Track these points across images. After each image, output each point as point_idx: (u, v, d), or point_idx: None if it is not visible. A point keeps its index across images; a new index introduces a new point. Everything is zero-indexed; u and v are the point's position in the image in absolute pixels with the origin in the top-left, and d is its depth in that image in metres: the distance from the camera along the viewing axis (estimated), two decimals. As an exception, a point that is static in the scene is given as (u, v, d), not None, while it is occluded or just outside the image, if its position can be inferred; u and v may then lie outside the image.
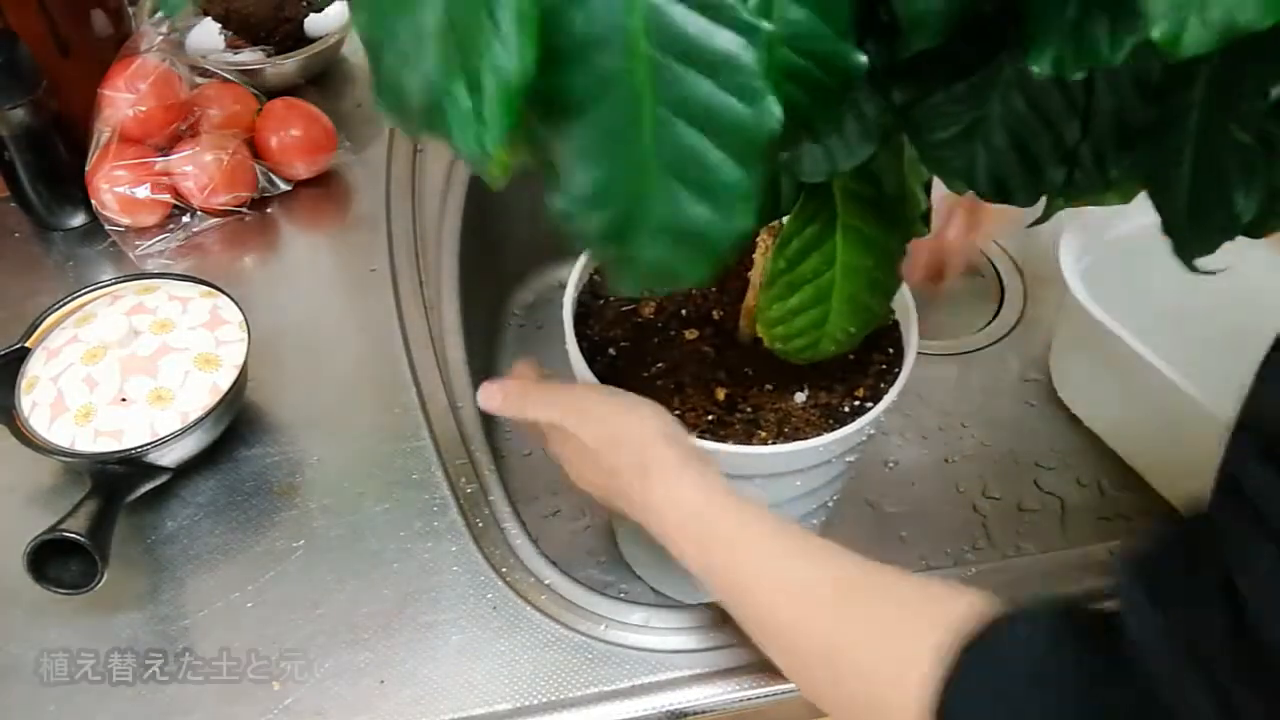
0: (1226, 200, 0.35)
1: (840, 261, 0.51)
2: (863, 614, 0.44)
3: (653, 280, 0.33)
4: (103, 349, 0.63)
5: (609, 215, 0.31)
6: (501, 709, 0.55)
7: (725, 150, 0.30)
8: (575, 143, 0.30)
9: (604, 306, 0.66)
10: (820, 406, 0.60)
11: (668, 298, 0.67)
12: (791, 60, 0.32)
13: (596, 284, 0.67)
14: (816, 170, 0.42)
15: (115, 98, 0.79)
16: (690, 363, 0.63)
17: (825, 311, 0.53)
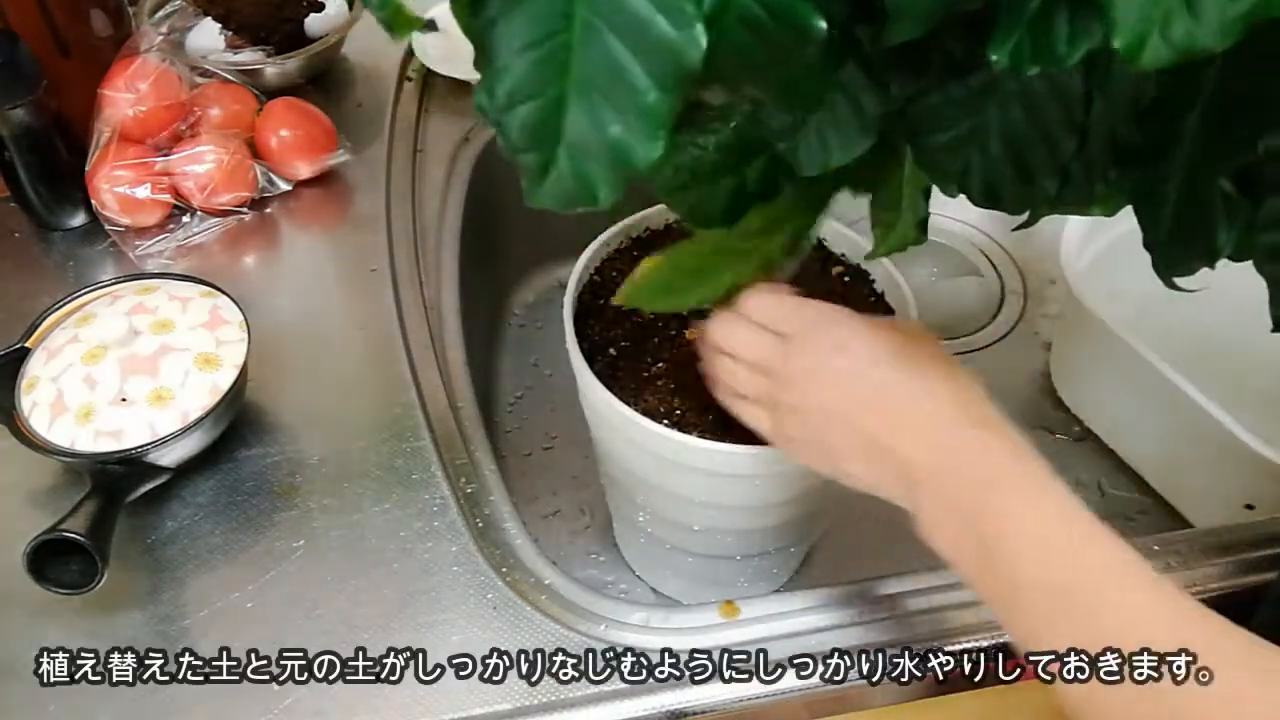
0: (1208, 233, 0.35)
1: (760, 253, 0.52)
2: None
3: (565, 194, 0.33)
4: (103, 349, 0.63)
5: (527, 116, 0.32)
6: (501, 709, 0.55)
7: (648, 71, 0.30)
8: (503, 35, 0.31)
9: (604, 306, 0.66)
10: None
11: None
12: (746, 6, 0.32)
13: (596, 284, 0.67)
14: (812, 163, 0.42)
15: (115, 98, 0.79)
16: (690, 363, 0.63)
17: (700, 287, 0.54)
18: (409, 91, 0.94)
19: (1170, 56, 0.27)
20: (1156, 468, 0.82)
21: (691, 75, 0.30)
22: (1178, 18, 0.26)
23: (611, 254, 0.69)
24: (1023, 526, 0.42)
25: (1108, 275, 0.82)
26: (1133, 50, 0.27)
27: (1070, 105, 0.37)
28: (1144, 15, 0.27)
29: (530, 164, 0.33)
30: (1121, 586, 0.40)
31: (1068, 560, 0.41)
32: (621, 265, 0.69)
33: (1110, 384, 0.82)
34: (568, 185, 0.33)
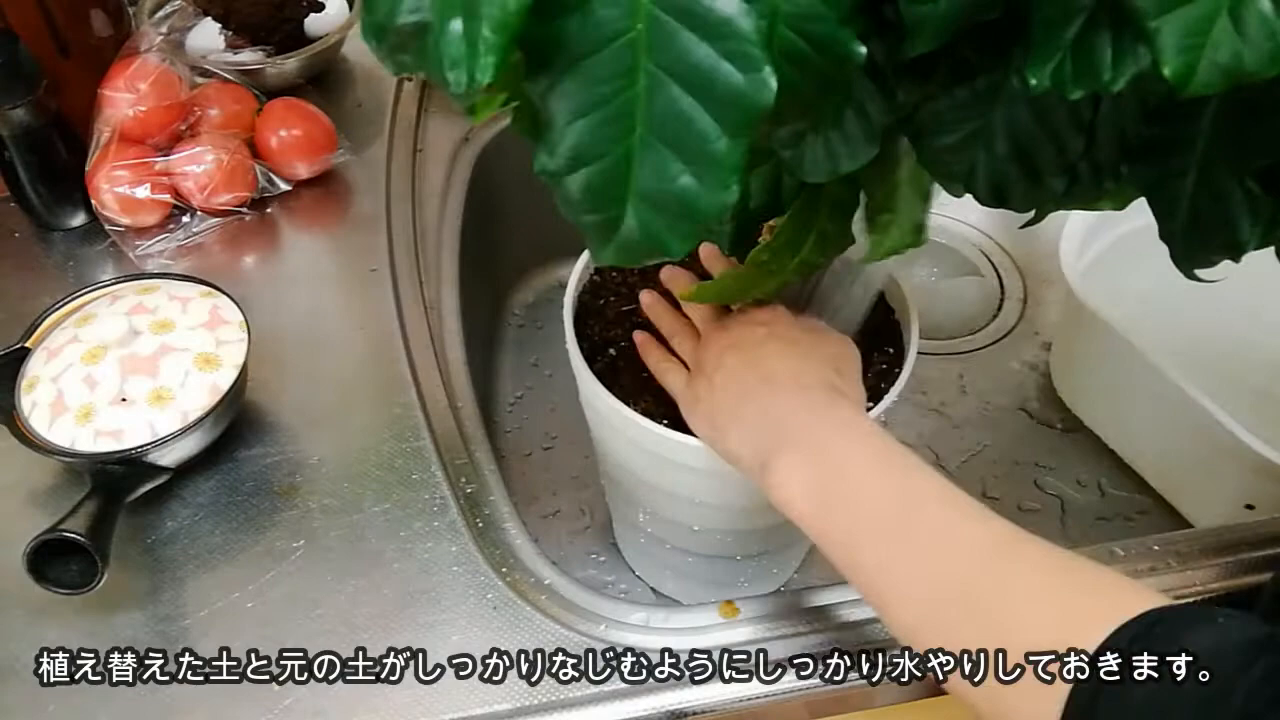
0: (1230, 227, 0.35)
1: (799, 258, 0.51)
2: (1019, 586, 0.41)
3: (633, 250, 0.32)
4: (103, 349, 0.63)
5: (593, 175, 0.31)
6: (501, 709, 0.55)
7: (716, 118, 0.29)
8: (565, 96, 0.30)
9: (604, 306, 0.66)
10: None
11: (668, 299, 0.67)
12: (791, 40, 0.31)
13: (596, 284, 0.67)
14: (818, 170, 0.42)
15: (115, 98, 0.79)
16: None
17: (752, 289, 0.54)
18: (409, 91, 0.94)
19: (1220, 82, 0.26)
20: (1156, 468, 0.82)
21: (762, 118, 0.29)
22: (1225, 42, 0.26)
23: None
24: (859, 464, 0.48)
25: (1108, 275, 0.82)
26: (1181, 77, 0.26)
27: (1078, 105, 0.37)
28: (1190, 41, 0.26)
29: (594, 223, 0.32)
30: (939, 501, 0.46)
31: (896, 486, 0.47)
32: (621, 266, 0.69)
33: (1110, 384, 0.82)
34: (636, 241, 0.32)
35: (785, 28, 0.31)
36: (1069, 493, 0.83)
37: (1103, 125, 0.38)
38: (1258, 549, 0.62)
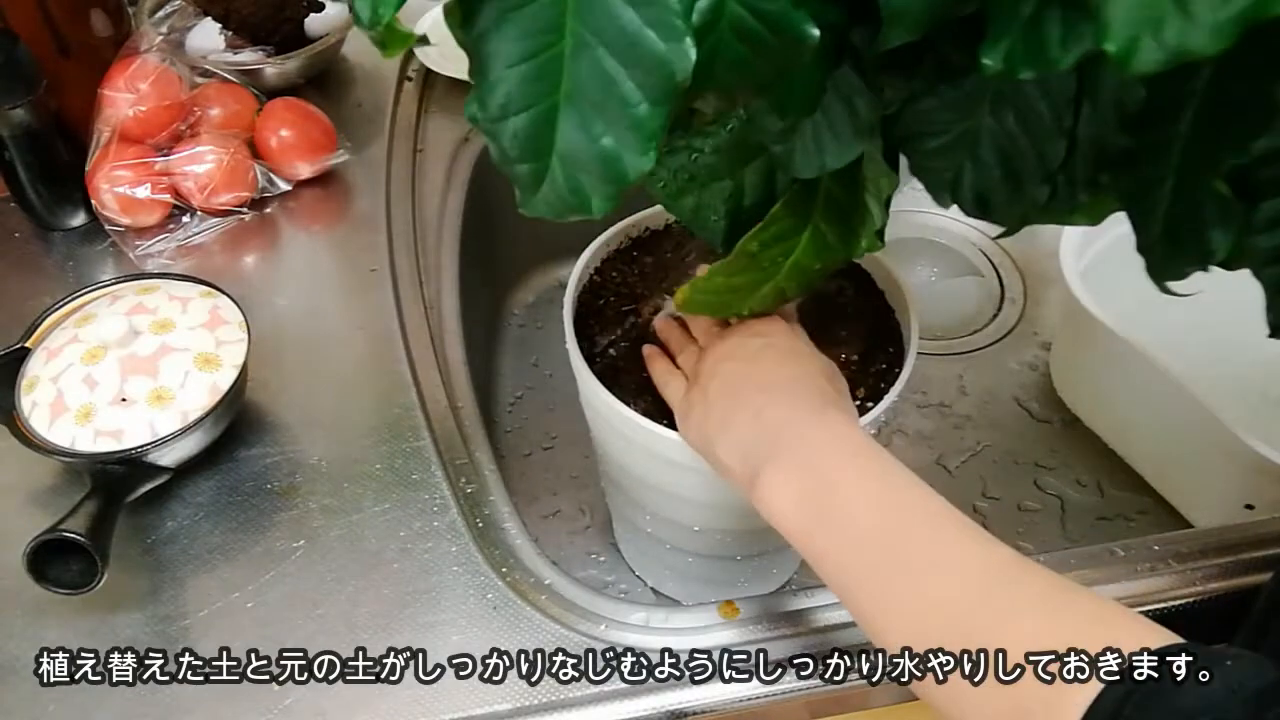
0: (1202, 236, 0.35)
1: (792, 260, 0.51)
2: (1018, 618, 0.39)
3: (558, 204, 0.33)
4: (103, 349, 0.63)
5: (520, 127, 0.32)
6: (501, 709, 0.55)
7: (638, 84, 0.30)
8: (495, 47, 0.31)
9: (604, 306, 0.66)
10: None
11: (668, 298, 0.67)
12: (741, 17, 0.32)
13: (596, 284, 0.67)
14: (807, 165, 0.42)
15: (115, 98, 0.79)
16: None
17: (748, 297, 0.53)
18: (409, 91, 0.94)
19: (1163, 60, 0.26)
20: (1156, 468, 0.82)
21: (682, 88, 0.30)
22: (1170, 20, 0.26)
23: (611, 255, 0.69)
24: (851, 480, 0.47)
25: (1108, 275, 0.82)
26: (1125, 55, 0.27)
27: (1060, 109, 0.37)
28: (1135, 18, 0.26)
29: (523, 175, 0.33)
30: (932, 524, 0.44)
31: (889, 505, 0.45)
32: (621, 266, 0.69)
33: (1110, 384, 0.82)
34: (561, 195, 0.33)
35: (736, 4, 0.32)
36: (1069, 493, 0.83)
37: (1081, 133, 0.38)
38: (1258, 549, 0.62)
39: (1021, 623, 0.38)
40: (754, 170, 0.50)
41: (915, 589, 0.42)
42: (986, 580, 0.41)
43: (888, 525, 0.44)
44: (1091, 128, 0.37)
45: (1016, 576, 0.40)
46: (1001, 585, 0.40)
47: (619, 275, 0.68)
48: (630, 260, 0.69)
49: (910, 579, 0.42)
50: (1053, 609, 0.39)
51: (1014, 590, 0.40)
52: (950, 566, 0.42)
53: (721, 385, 0.53)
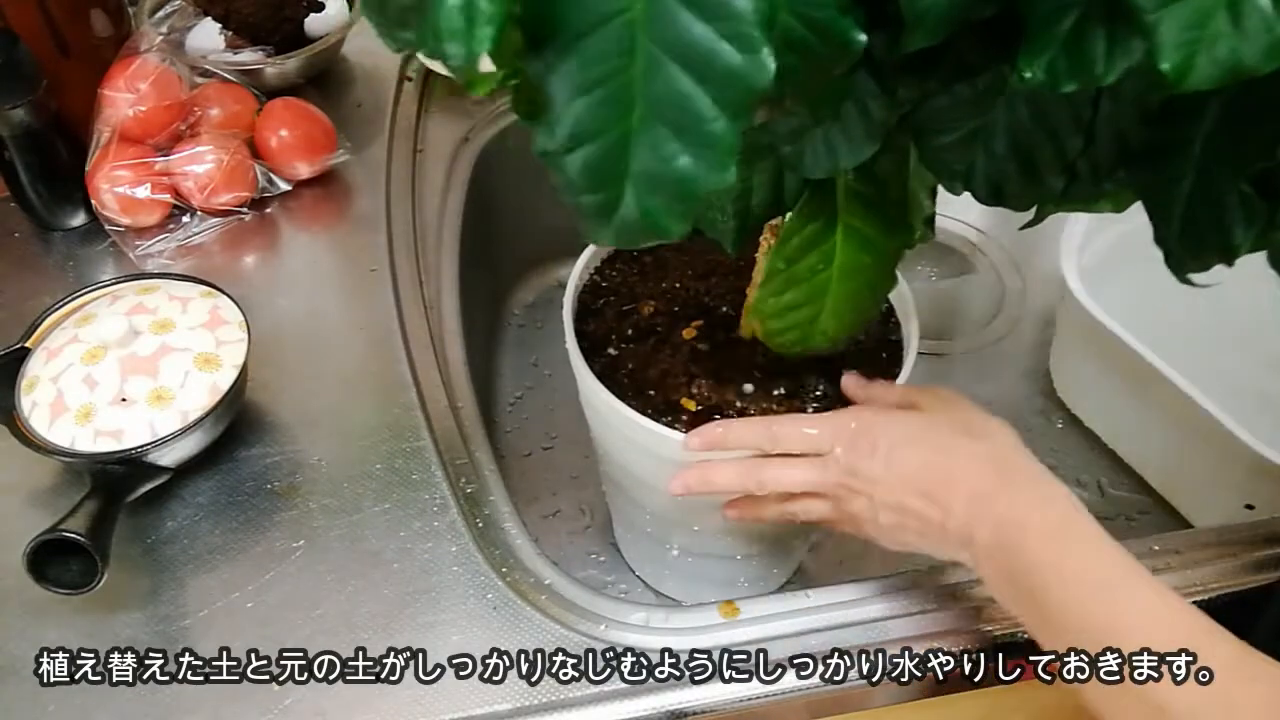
0: (1224, 230, 0.35)
1: (838, 261, 0.51)
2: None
3: (631, 231, 0.32)
4: (103, 349, 0.63)
5: (591, 156, 0.31)
6: (501, 709, 0.55)
7: (715, 98, 0.29)
8: (563, 76, 0.30)
9: (604, 306, 0.66)
10: (822, 402, 0.60)
11: (667, 298, 0.67)
12: (792, 26, 0.31)
13: (597, 283, 0.67)
14: (819, 166, 0.42)
15: (115, 98, 0.79)
16: (692, 362, 0.63)
17: (819, 310, 0.52)
18: (409, 91, 0.94)
19: (1217, 77, 0.26)
20: (1156, 468, 0.82)
21: (759, 99, 0.29)
22: (1224, 38, 0.26)
23: (611, 254, 0.69)
24: (1061, 574, 0.47)
25: (1108, 275, 0.82)
26: (1179, 73, 0.26)
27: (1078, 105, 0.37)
28: (1189, 37, 0.26)
29: (592, 205, 0.32)
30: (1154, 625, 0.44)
31: (1105, 603, 0.46)
32: (622, 265, 0.69)
33: (1110, 384, 0.82)
34: (634, 221, 0.32)
35: (787, 13, 0.31)
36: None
37: (1102, 126, 0.38)
38: (1258, 549, 0.62)
39: None
40: (762, 171, 0.50)
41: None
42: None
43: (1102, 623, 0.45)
44: (1112, 122, 0.37)
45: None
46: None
47: (619, 275, 0.68)
48: (630, 259, 0.69)
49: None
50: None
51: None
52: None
53: (886, 494, 0.52)
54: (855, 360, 0.63)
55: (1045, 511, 0.48)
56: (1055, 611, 0.46)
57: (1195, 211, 0.36)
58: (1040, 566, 0.47)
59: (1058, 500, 0.49)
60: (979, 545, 0.49)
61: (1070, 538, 0.47)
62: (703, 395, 0.61)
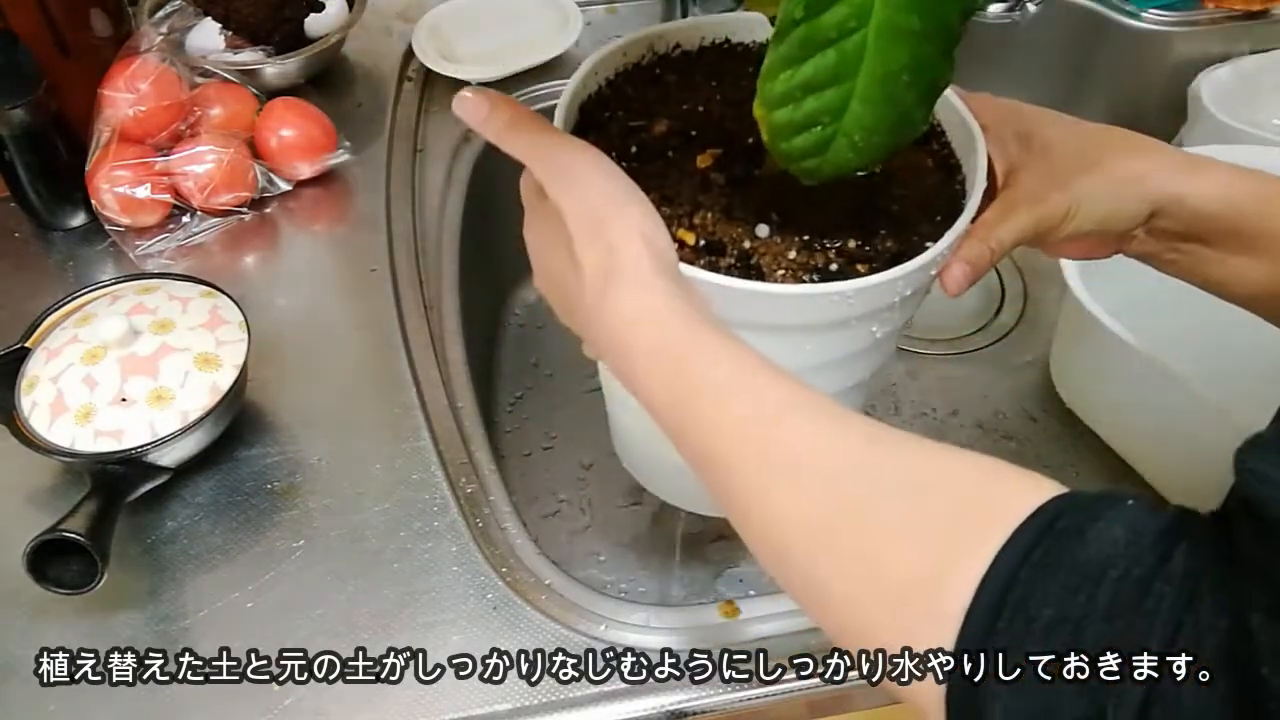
0: None
1: (878, 18, 0.37)
2: (889, 499, 0.33)
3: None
4: (103, 349, 0.63)
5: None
6: (501, 709, 0.55)
7: None
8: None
9: (609, 120, 0.56)
10: (848, 260, 0.48)
11: (686, 119, 0.55)
12: None
13: (605, 96, 0.56)
14: None
15: (115, 98, 0.79)
16: (701, 191, 0.52)
17: (847, 95, 0.39)
18: (409, 91, 0.94)
19: None
20: (1157, 467, 0.82)
21: None
22: None
23: (628, 68, 0.56)
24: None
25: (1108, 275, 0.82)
26: None
27: None
28: None
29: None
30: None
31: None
32: (639, 83, 0.57)
33: (1110, 384, 0.82)
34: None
35: None
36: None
37: None
38: (1258, 549, 0.62)
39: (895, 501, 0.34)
40: None
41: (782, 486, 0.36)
42: (854, 468, 0.35)
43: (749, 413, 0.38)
44: None
45: (884, 460, 0.35)
46: (869, 470, 0.35)
47: (634, 90, 0.56)
48: (652, 79, 0.57)
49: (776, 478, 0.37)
50: (924, 486, 0.34)
51: (881, 479, 0.35)
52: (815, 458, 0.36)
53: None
54: (904, 213, 0.50)
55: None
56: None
57: None
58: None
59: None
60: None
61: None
62: (705, 228, 0.50)
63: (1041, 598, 0.28)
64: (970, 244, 0.47)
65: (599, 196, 0.42)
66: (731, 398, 0.37)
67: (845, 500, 0.34)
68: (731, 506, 0.38)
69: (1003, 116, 0.51)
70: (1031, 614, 0.28)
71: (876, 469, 0.34)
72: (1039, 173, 0.49)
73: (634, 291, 0.40)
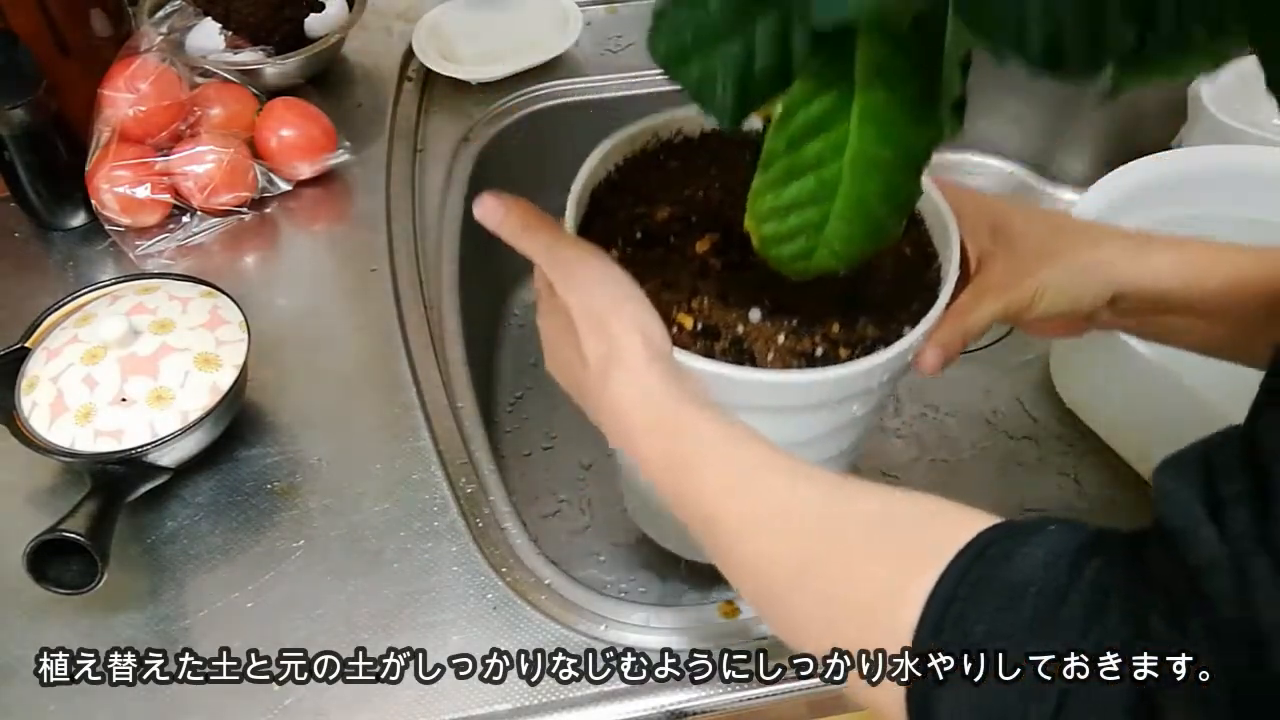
0: None
1: (852, 152, 0.42)
2: (851, 539, 0.39)
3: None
4: (103, 349, 0.63)
5: None
6: (501, 709, 0.55)
7: None
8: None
9: (616, 206, 0.58)
10: (835, 346, 0.52)
11: (687, 205, 0.59)
12: None
13: (613, 181, 0.59)
14: (826, 7, 0.34)
15: (115, 98, 0.79)
16: (700, 277, 0.55)
17: (826, 213, 0.44)
18: (409, 91, 0.95)
19: None
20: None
21: None
22: None
23: (635, 155, 0.60)
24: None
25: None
26: None
27: None
28: None
29: None
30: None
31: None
32: (644, 169, 0.60)
33: (1110, 384, 0.82)
34: None
35: None
36: (1069, 493, 0.83)
37: None
38: (1258, 549, 0.62)
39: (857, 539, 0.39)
40: (766, 26, 0.40)
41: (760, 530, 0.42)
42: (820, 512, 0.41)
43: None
44: None
45: (847, 505, 0.41)
46: (834, 514, 0.41)
47: (640, 176, 0.59)
48: (655, 164, 0.60)
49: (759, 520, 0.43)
50: (880, 521, 0.40)
51: (845, 518, 0.40)
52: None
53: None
54: (884, 299, 0.54)
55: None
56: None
57: None
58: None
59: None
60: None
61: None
62: (702, 313, 0.53)
63: (975, 614, 0.33)
64: (944, 329, 0.51)
65: (602, 296, 0.47)
66: (716, 465, 0.43)
67: (815, 543, 0.40)
68: (720, 556, 0.43)
69: (976, 207, 0.56)
70: (967, 628, 0.33)
71: (840, 516, 0.40)
72: (1008, 262, 0.54)
73: (631, 378, 0.45)
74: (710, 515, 0.43)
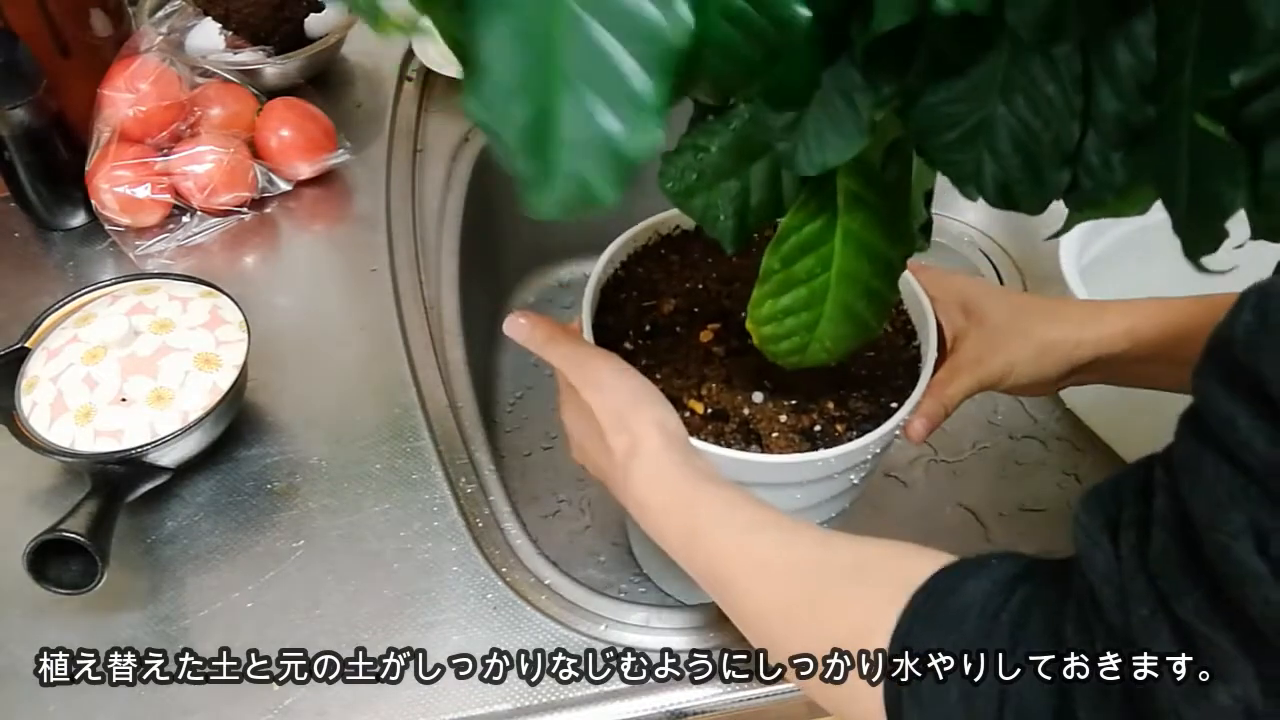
0: (1215, 194, 0.34)
1: (837, 266, 0.50)
2: (833, 586, 0.45)
3: (570, 201, 0.32)
4: (103, 349, 0.63)
5: (520, 119, 0.31)
6: (501, 709, 0.55)
7: (636, 57, 0.29)
8: (487, 38, 0.29)
9: (625, 301, 0.64)
10: (831, 422, 0.59)
11: (689, 297, 0.65)
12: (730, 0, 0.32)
13: (620, 278, 0.65)
14: (810, 162, 0.41)
15: (115, 98, 0.79)
16: (705, 364, 0.61)
17: (817, 316, 0.51)
18: (409, 91, 0.94)
19: None
20: (1157, 468, 0.82)
21: (679, 58, 0.29)
22: None
23: (639, 250, 0.66)
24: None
25: (1108, 275, 0.82)
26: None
27: (1069, 90, 0.36)
28: None
29: (530, 171, 0.32)
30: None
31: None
32: (648, 264, 0.66)
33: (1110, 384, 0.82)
34: (569, 189, 0.32)
35: None
36: (1070, 493, 0.83)
37: (1102, 110, 0.37)
38: (1258, 549, 0.62)
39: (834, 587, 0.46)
40: (760, 168, 0.49)
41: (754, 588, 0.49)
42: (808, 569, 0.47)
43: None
44: (1114, 105, 0.36)
45: (826, 557, 0.47)
46: (816, 570, 0.47)
47: (643, 271, 0.65)
48: (657, 258, 0.66)
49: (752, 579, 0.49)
50: (850, 569, 0.46)
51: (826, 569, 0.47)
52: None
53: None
54: (880, 376, 0.61)
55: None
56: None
57: (1195, 183, 0.35)
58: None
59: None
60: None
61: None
62: (711, 398, 0.60)
63: (929, 636, 0.40)
64: (927, 402, 0.58)
65: (622, 395, 0.54)
66: (722, 531, 0.49)
67: (803, 588, 0.46)
68: (729, 606, 0.49)
69: (947, 289, 0.63)
70: (926, 647, 0.39)
71: (824, 564, 0.46)
72: (979, 340, 0.61)
73: (650, 466, 0.52)
74: (718, 575, 0.49)
